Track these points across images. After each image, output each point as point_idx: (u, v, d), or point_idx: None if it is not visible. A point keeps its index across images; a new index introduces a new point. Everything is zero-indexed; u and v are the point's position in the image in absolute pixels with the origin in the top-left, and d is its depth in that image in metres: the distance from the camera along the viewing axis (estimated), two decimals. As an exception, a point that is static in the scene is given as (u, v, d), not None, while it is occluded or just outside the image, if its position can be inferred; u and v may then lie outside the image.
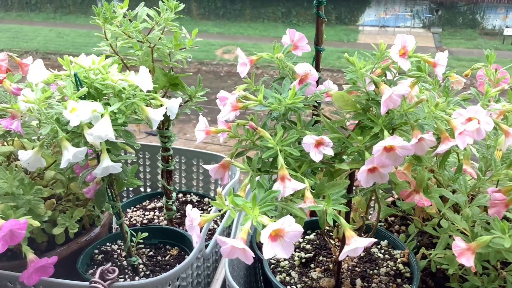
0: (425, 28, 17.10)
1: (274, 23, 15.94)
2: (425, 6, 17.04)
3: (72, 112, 0.93)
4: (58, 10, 17.02)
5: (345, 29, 16.07)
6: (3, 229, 0.95)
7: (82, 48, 14.87)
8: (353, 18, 16.56)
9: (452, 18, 17.38)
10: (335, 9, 16.47)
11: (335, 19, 16.46)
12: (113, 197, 1.10)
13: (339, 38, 15.60)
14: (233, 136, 0.89)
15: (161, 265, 1.18)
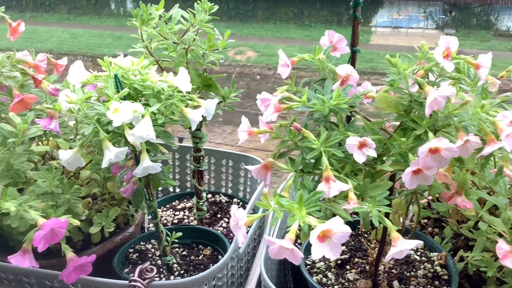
0: (438, 29, 16.99)
1: (286, 24, 15.95)
2: (438, 7, 16.95)
3: (115, 112, 0.94)
4: (72, 11, 17.20)
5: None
6: (45, 227, 0.96)
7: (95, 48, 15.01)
8: (366, 19, 16.51)
9: (465, 19, 17.26)
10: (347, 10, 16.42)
11: (347, 20, 16.42)
12: (150, 196, 1.11)
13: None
14: (275, 137, 0.90)
15: (195, 265, 1.19)
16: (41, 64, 1.12)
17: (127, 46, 15.68)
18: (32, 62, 1.12)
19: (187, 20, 1.21)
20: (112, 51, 14.69)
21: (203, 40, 1.24)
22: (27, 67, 1.14)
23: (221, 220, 1.43)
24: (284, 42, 14.96)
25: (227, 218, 1.44)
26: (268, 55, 14.38)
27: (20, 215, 0.99)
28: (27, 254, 1.01)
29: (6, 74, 1.11)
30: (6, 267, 1.08)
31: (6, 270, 1.09)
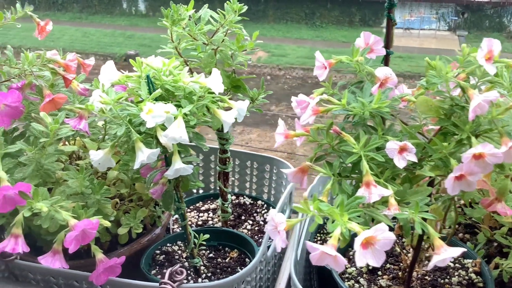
0: (450, 31, 16.85)
1: (298, 25, 15.89)
2: (450, 9, 16.79)
3: (149, 114, 0.93)
4: (84, 10, 17.28)
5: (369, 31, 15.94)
6: (77, 228, 0.96)
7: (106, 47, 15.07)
8: (378, 20, 16.40)
9: (478, 21, 17.09)
10: (359, 10, 16.35)
11: (359, 21, 16.34)
12: (179, 198, 1.10)
13: (363, 40, 15.48)
14: (312, 140, 0.88)
15: (222, 268, 1.18)
16: (71, 64, 1.12)
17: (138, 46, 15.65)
18: (63, 61, 1.11)
19: (216, 20, 1.20)
20: (123, 50, 14.74)
21: (231, 41, 1.23)
22: (57, 67, 1.13)
23: (245, 222, 1.42)
24: (295, 43, 14.91)
25: (251, 220, 1.43)
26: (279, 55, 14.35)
27: (51, 216, 0.99)
28: (58, 255, 1.00)
29: (36, 73, 1.10)
30: (34, 267, 1.08)
31: (34, 270, 1.08)
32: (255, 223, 1.42)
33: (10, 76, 1.17)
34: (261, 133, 11.74)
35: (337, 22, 16.25)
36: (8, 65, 1.10)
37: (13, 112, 1.06)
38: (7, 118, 1.05)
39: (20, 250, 0.95)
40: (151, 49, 15.68)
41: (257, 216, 1.44)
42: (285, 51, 14.65)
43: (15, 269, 1.10)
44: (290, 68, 14.25)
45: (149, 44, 15.49)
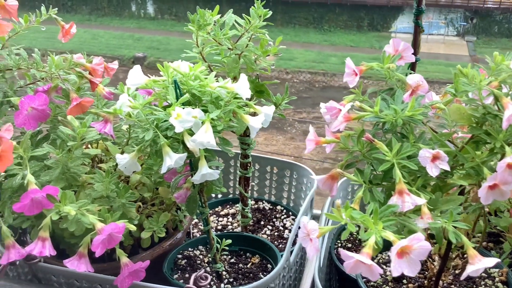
0: (459, 36, 16.81)
1: (305, 29, 15.91)
2: (459, 14, 16.77)
3: (177, 118, 0.93)
4: (93, 12, 17.41)
5: (377, 36, 15.95)
6: (104, 232, 0.96)
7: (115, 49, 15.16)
8: (386, 25, 16.42)
9: (487, 26, 17.04)
10: (367, 15, 16.35)
11: (367, 25, 16.36)
12: (202, 203, 1.10)
13: (371, 44, 15.48)
14: (343, 148, 0.88)
15: (244, 273, 1.18)
16: (98, 68, 1.12)
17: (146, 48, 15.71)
18: (90, 65, 1.12)
19: (241, 25, 1.20)
20: (132, 53, 14.82)
21: (255, 46, 1.23)
22: (83, 70, 1.14)
23: (265, 227, 1.42)
24: (303, 47, 14.90)
25: (270, 225, 1.43)
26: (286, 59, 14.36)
27: (77, 219, 0.99)
28: (83, 259, 1.00)
29: (63, 77, 1.11)
30: (58, 270, 1.08)
31: (58, 273, 1.08)
32: (275, 228, 1.41)
33: (35, 79, 1.17)
34: (268, 137, 11.74)
35: (345, 26, 16.27)
36: (35, 68, 1.10)
37: (40, 115, 1.06)
38: (34, 121, 1.06)
39: (47, 254, 0.96)
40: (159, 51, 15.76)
41: (277, 221, 1.44)
42: (293, 55, 14.66)
43: (38, 272, 1.10)
44: (298, 72, 14.27)
45: (157, 46, 15.57)
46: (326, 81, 14.28)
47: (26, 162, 0.99)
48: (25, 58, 1.11)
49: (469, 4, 16.67)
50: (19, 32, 1.24)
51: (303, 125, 12.27)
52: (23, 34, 1.25)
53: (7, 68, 1.12)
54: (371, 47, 15.26)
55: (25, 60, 1.11)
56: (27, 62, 1.11)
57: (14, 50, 1.14)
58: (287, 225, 1.42)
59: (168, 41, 15.69)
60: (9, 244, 1.01)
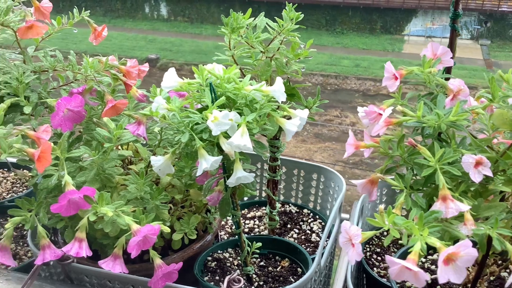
0: (473, 40, 16.67)
1: (318, 31, 15.88)
2: (473, 18, 16.64)
3: (214, 121, 0.93)
4: (107, 14, 17.56)
5: (390, 39, 15.88)
6: (140, 234, 0.96)
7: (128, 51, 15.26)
8: (399, 28, 16.33)
9: (501, 30, 16.88)
10: (380, 17, 16.28)
11: (380, 28, 16.29)
12: (234, 206, 1.10)
13: (384, 47, 15.41)
14: (383, 153, 0.87)
15: (274, 277, 1.17)
16: (132, 70, 1.13)
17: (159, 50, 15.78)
18: (124, 68, 1.12)
19: (273, 28, 1.20)
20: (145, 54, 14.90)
21: (286, 49, 1.23)
22: (117, 72, 1.14)
23: (291, 230, 1.42)
24: (315, 49, 14.82)
25: (297, 229, 1.42)
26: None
27: (113, 220, 0.99)
28: (118, 260, 1.01)
29: (98, 79, 1.12)
30: (90, 270, 1.08)
31: (91, 273, 1.09)
32: (302, 231, 1.41)
33: (68, 81, 1.18)
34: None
35: (358, 29, 16.21)
36: (71, 70, 1.11)
37: (76, 116, 1.07)
38: (70, 122, 1.07)
39: (84, 254, 0.96)
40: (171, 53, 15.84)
41: (303, 224, 1.43)
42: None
43: (71, 272, 1.11)
44: (310, 74, 14.24)
45: (170, 48, 15.65)
46: (338, 84, 14.24)
47: (63, 163, 1.00)
48: (61, 60, 1.12)
49: (483, 7, 16.52)
50: (51, 34, 1.25)
51: (314, 128, 12.23)
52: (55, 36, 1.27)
53: (42, 70, 1.13)
54: (384, 50, 15.20)
55: (60, 62, 1.12)
56: (62, 64, 1.12)
57: (49, 52, 1.15)
58: (314, 228, 1.41)
59: (181, 43, 15.76)
60: (45, 244, 1.02)
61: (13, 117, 1.09)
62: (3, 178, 1.61)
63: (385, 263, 1.29)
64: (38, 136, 0.96)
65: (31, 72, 1.10)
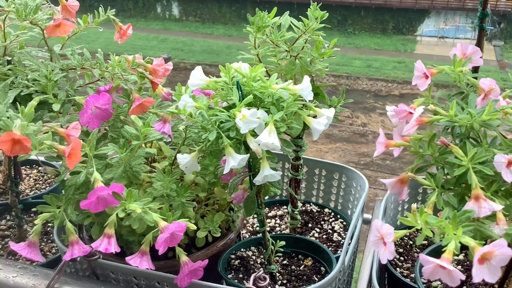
0: (486, 41, 16.50)
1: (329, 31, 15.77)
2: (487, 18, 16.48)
3: (243, 119, 0.94)
4: (120, 14, 17.67)
5: (402, 39, 15.80)
6: (168, 230, 0.97)
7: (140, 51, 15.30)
8: (411, 28, 16.24)
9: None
10: (392, 18, 16.20)
11: (392, 28, 16.21)
12: (259, 204, 1.10)
13: (396, 48, 15.33)
14: (414, 151, 0.87)
15: (297, 275, 1.17)
16: (159, 69, 1.13)
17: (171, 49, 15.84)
18: (151, 66, 1.13)
19: (298, 27, 1.20)
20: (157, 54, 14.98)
21: (310, 48, 1.23)
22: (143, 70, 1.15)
23: (313, 230, 1.42)
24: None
25: (318, 228, 1.42)
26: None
27: (140, 217, 1.00)
28: (145, 256, 1.02)
29: (124, 77, 1.13)
30: (116, 267, 1.09)
31: (117, 270, 1.10)
32: (323, 231, 1.41)
33: (94, 79, 1.20)
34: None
35: (370, 29, 16.14)
36: (98, 68, 1.12)
37: (103, 114, 1.08)
38: (98, 120, 1.08)
39: (112, 250, 0.97)
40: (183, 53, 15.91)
41: (325, 224, 1.43)
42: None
43: (97, 268, 1.12)
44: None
45: (181, 48, 15.71)
46: (349, 84, 14.19)
47: (92, 160, 1.01)
48: (89, 58, 1.14)
49: (497, 8, 16.36)
50: (77, 32, 1.27)
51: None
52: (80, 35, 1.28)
53: (70, 68, 1.15)
54: (396, 50, 15.11)
55: (88, 60, 1.13)
56: (90, 62, 1.13)
57: (77, 50, 1.17)
58: (336, 228, 1.41)
59: (192, 43, 15.81)
60: (73, 240, 1.03)
61: (42, 114, 1.10)
62: (26, 175, 1.63)
63: (408, 263, 1.29)
64: (68, 133, 0.97)
65: (59, 70, 1.11)
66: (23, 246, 1.05)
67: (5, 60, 1.19)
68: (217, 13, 17.08)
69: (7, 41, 1.21)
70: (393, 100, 13.19)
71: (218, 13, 17.05)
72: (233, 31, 16.21)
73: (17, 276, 1.11)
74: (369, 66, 14.25)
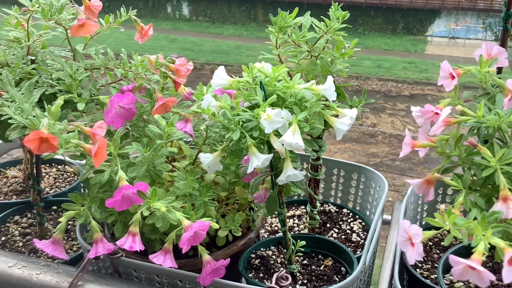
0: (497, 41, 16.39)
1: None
2: (498, 19, 16.31)
3: (267, 119, 0.94)
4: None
5: (412, 39, 15.69)
6: (192, 229, 0.98)
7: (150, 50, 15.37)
8: (422, 28, 16.13)
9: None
10: (403, 18, 16.11)
11: (402, 28, 16.12)
12: (280, 204, 1.10)
13: (406, 48, 15.23)
14: (440, 152, 0.87)
15: (317, 275, 1.18)
16: (181, 68, 1.14)
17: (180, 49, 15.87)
18: (174, 66, 1.14)
19: (319, 28, 1.20)
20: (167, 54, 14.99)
21: (332, 48, 1.23)
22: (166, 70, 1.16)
23: (331, 230, 1.42)
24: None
25: (336, 228, 1.42)
26: (319, 62, 14.24)
27: (163, 215, 1.01)
28: (169, 254, 1.03)
29: (148, 77, 1.13)
30: (139, 265, 1.10)
31: (139, 268, 1.11)
32: (341, 231, 1.41)
33: (116, 78, 1.20)
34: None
35: (380, 29, 16.07)
36: (122, 67, 1.13)
37: (127, 113, 1.09)
38: (121, 119, 1.09)
39: (137, 248, 0.98)
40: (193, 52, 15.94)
41: (343, 224, 1.43)
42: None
43: (119, 266, 1.13)
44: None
45: (191, 48, 15.74)
46: (359, 85, 14.13)
47: (116, 159, 1.02)
48: (112, 58, 1.15)
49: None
50: (100, 32, 1.28)
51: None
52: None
53: (94, 67, 1.16)
54: (406, 50, 15.01)
55: (112, 59, 1.14)
56: (114, 62, 1.14)
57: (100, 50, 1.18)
58: (355, 228, 1.41)
59: (202, 43, 15.84)
60: (98, 238, 1.04)
61: (66, 113, 1.11)
62: (45, 173, 1.65)
63: (427, 264, 1.28)
64: (94, 132, 0.98)
65: (83, 69, 1.12)
66: (48, 243, 1.06)
67: (28, 60, 1.20)
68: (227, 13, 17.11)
69: (30, 40, 1.22)
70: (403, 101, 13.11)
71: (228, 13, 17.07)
72: (242, 31, 16.22)
73: (41, 273, 1.12)
74: (379, 66, 14.17)
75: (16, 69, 1.14)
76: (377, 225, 1.24)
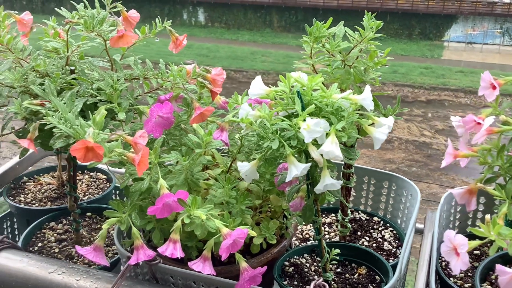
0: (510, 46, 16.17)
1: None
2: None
3: (307, 129, 0.95)
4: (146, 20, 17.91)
5: (429, 45, 15.61)
6: (231, 237, 0.99)
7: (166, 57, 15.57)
8: (438, 34, 16.03)
9: (545, 36, 16.33)
10: (419, 23, 16.03)
11: (418, 34, 16.04)
12: (316, 212, 1.11)
13: (422, 53, 15.16)
14: (483, 162, 0.87)
15: (352, 284, 1.18)
16: (218, 78, 1.16)
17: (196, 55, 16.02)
18: (210, 76, 1.16)
19: (353, 37, 1.21)
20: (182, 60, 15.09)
21: (365, 57, 1.24)
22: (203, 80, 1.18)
23: (362, 238, 1.42)
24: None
25: (367, 236, 1.43)
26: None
27: (202, 223, 1.03)
28: (207, 261, 1.04)
29: (185, 86, 1.16)
30: (177, 271, 1.12)
31: (177, 274, 1.12)
32: (372, 239, 1.41)
33: (153, 88, 1.23)
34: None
35: (396, 34, 16.01)
36: (160, 77, 1.16)
37: (165, 122, 1.11)
38: (160, 128, 1.11)
39: (178, 255, 1.00)
40: (208, 58, 16.07)
41: (374, 232, 1.43)
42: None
43: (157, 272, 1.14)
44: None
45: (206, 54, 15.87)
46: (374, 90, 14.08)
47: (157, 167, 1.04)
48: (151, 68, 1.17)
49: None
50: (136, 43, 1.31)
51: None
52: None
53: (133, 77, 1.18)
54: (422, 56, 14.94)
55: (151, 70, 1.17)
56: (152, 72, 1.16)
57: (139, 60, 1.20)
58: (386, 236, 1.41)
59: (217, 49, 15.96)
60: (138, 245, 1.06)
61: (106, 122, 1.14)
62: (79, 180, 1.68)
63: (460, 273, 1.28)
64: (136, 141, 1.00)
65: (124, 79, 1.15)
66: (89, 250, 1.08)
67: (67, 70, 1.23)
68: (242, 19, 17.20)
69: (69, 51, 1.25)
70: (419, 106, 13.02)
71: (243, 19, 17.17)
72: (258, 37, 16.29)
73: (80, 279, 1.14)
74: (395, 72, 14.12)
75: (57, 79, 1.18)
76: (411, 234, 1.24)
